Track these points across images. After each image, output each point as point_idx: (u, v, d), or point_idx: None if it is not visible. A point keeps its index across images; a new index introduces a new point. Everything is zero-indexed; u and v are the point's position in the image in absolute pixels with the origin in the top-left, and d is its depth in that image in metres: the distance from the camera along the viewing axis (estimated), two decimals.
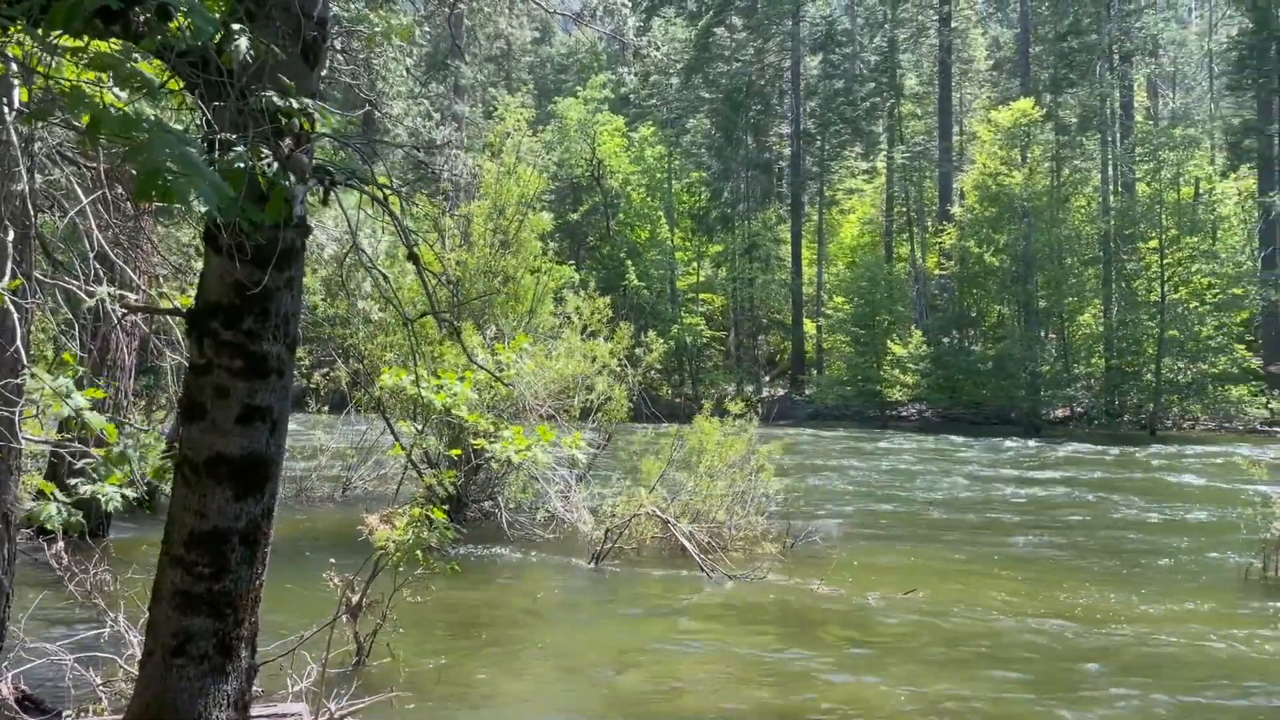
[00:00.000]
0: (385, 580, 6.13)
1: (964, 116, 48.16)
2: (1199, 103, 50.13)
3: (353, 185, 3.47)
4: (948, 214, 38.05)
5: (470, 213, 12.62)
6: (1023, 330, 33.67)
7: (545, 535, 11.10)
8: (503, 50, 46.59)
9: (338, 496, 13.59)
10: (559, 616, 8.40)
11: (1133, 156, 35.68)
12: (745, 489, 10.90)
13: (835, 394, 36.47)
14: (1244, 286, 32.15)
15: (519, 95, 41.26)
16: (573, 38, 54.12)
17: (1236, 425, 30.75)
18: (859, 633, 7.73)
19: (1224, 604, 8.64)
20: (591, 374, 12.24)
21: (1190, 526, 13.01)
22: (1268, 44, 32.77)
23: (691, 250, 42.76)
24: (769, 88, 44.91)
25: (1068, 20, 36.61)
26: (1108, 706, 6.05)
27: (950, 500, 15.09)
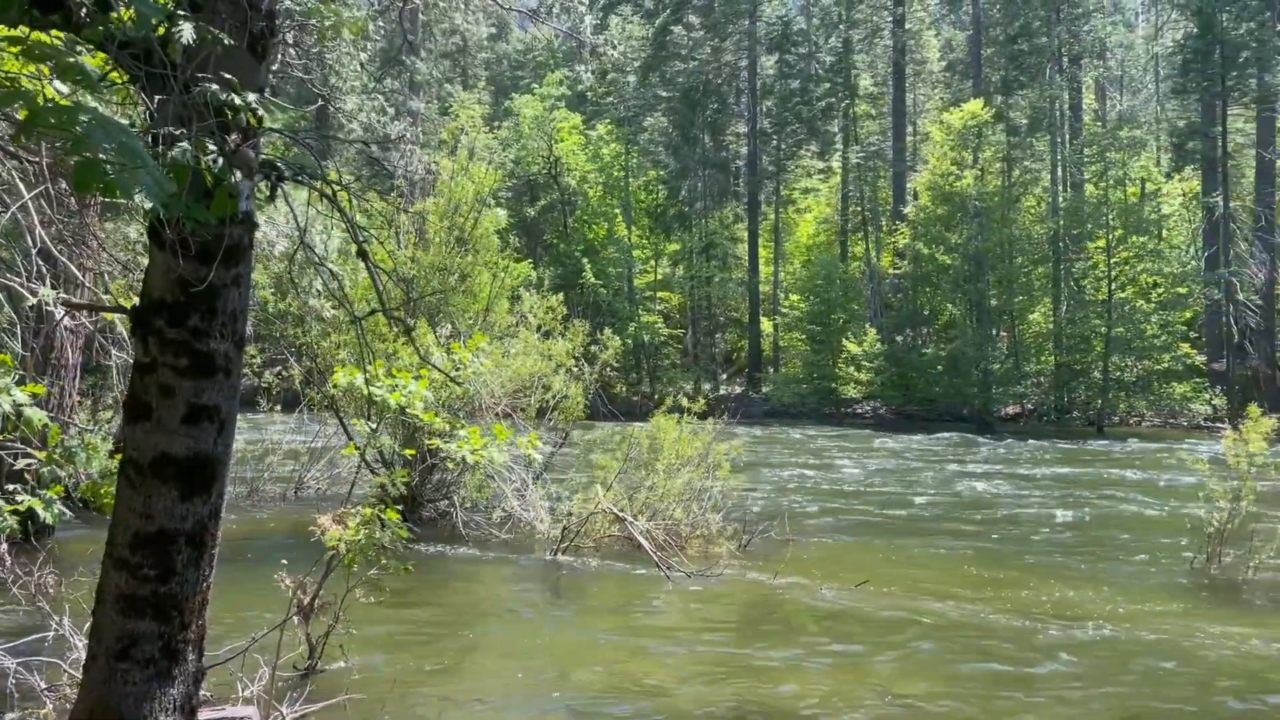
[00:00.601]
0: (338, 581, 6.06)
1: (918, 117, 48.74)
2: (1145, 105, 51.16)
3: (301, 181, 3.42)
4: (901, 214, 38.48)
5: (425, 210, 12.50)
6: (974, 329, 34.15)
7: (501, 535, 11.05)
8: (458, 46, 46.31)
9: (290, 497, 13.41)
10: (515, 616, 8.37)
11: (1081, 157, 36.32)
12: (702, 486, 10.93)
13: (791, 392, 36.77)
14: (1188, 286, 32.90)
15: (475, 92, 41.04)
16: (529, 35, 53.89)
17: (1181, 422, 31.48)
18: (813, 627, 7.79)
19: (1168, 598, 8.83)
20: (548, 373, 12.20)
21: (1136, 521, 13.29)
22: (1211, 48, 33.52)
23: (649, 249, 42.81)
24: (726, 87, 45.07)
25: (1018, 23, 37.16)
26: (1057, 698, 6.15)
27: (903, 496, 15.26)
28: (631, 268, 40.10)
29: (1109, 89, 52.47)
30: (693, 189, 43.21)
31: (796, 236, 46.76)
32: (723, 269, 42.98)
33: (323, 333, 11.48)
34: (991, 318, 34.75)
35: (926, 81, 49.71)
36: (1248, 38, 32.99)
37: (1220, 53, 33.31)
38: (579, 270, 38.07)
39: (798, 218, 48.03)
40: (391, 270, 6.36)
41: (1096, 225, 33.22)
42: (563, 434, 13.00)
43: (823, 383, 36.08)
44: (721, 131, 44.39)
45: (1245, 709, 6.03)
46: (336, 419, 11.97)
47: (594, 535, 10.41)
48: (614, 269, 39.67)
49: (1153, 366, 31.52)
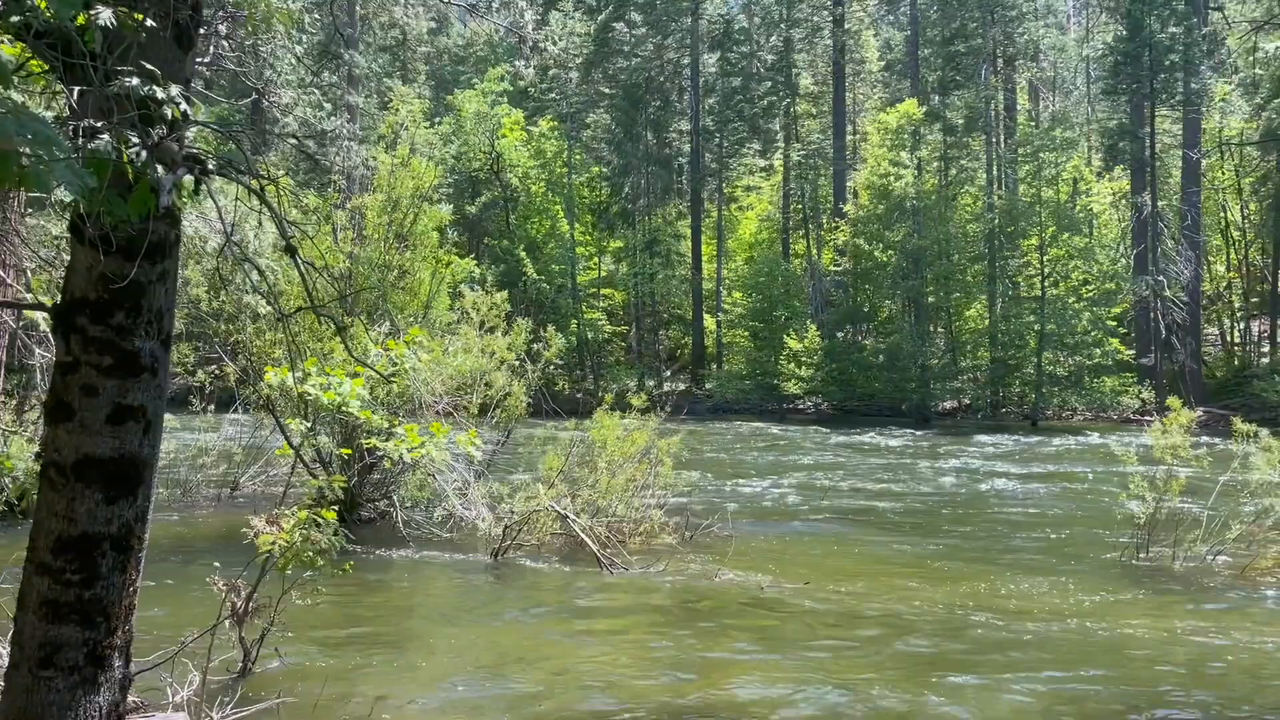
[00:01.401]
0: (274, 584, 5.95)
1: (858, 116, 49.34)
2: (1077, 106, 52.35)
3: (226, 175, 3.35)
4: (841, 212, 38.92)
5: (363, 206, 12.32)
6: (912, 325, 34.69)
7: (443, 534, 10.94)
8: (398, 40, 45.72)
9: (225, 498, 13.15)
10: (455, 616, 8.29)
11: (1015, 157, 37.07)
12: (645, 483, 10.94)
13: (735, 388, 37.03)
14: (1117, 283, 33.77)
15: (414, 86, 40.56)
16: (470, 29, 53.43)
17: (1111, 415, 32.32)
18: (755, 622, 7.84)
19: (1099, 588, 9.05)
20: (490, 370, 12.12)
21: (1068, 513, 13.61)
22: (1140, 51, 34.40)
23: (592, 245, 42.74)
24: (668, 84, 45.16)
25: (954, 24, 37.79)
26: (992, 688, 6.27)
27: (841, 491, 15.45)
28: (575, 265, 39.99)
29: (1042, 90, 53.61)
30: (636, 186, 43.22)
31: (739, 234, 47.04)
32: (666, 266, 43.08)
33: (257, 330, 11.26)
34: (929, 314, 35.32)
35: (866, 81, 50.36)
36: (1174, 42, 33.92)
37: (1149, 56, 34.21)
38: (521, 267, 37.88)
39: (740, 215, 48.32)
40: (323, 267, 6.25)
41: (1030, 224, 33.93)
42: (505, 432, 12.92)
43: (765, 379, 36.38)
44: (664, 129, 44.47)
45: (1169, 693, 6.20)
46: (272, 418, 11.75)
47: (536, 533, 10.36)
48: (557, 266, 39.53)
49: (1084, 362, 32.31)
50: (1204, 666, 6.74)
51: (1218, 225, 39.56)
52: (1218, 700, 6.06)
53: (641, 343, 44.00)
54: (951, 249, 34.41)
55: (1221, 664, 6.81)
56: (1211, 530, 9.90)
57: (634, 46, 42.36)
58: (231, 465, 13.80)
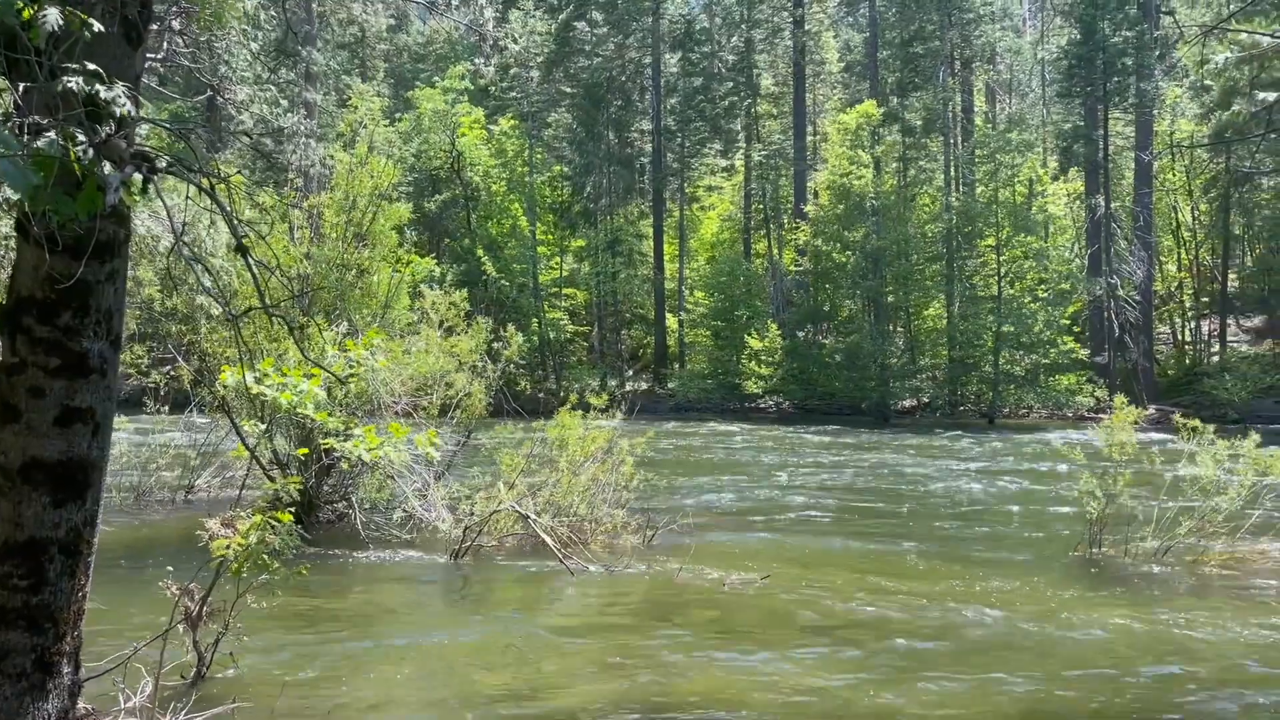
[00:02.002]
0: (230, 587, 5.88)
1: (818, 117, 49.68)
2: (1033, 108, 53.12)
3: (175, 173, 3.30)
4: (802, 212, 39.18)
5: (321, 204, 12.20)
6: (872, 325, 35.00)
7: (402, 535, 10.86)
8: (356, 37, 45.31)
9: (179, 501, 12.96)
10: (414, 618, 8.24)
11: (972, 158, 37.52)
12: (607, 483, 10.93)
13: (697, 388, 37.15)
14: (1072, 283, 34.32)
15: (373, 84, 40.21)
16: (430, 27, 53.08)
17: (1066, 413, 32.83)
18: (716, 620, 7.87)
19: (1051, 584, 9.19)
20: (450, 370, 12.05)
21: (1023, 510, 13.80)
22: (1093, 55, 34.97)
23: (554, 245, 42.65)
24: (630, 84, 45.18)
25: (913, 27, 38.17)
26: (948, 684, 6.34)
27: (801, 489, 15.54)
28: (536, 264, 39.88)
29: (998, 92, 54.34)
30: (598, 185, 43.20)
31: (701, 233, 47.19)
32: (628, 265, 43.10)
33: (211, 331, 11.11)
34: (888, 314, 35.65)
35: (826, 82, 50.72)
36: (1127, 45, 34.53)
37: (1101, 59, 34.79)
38: (481, 267, 37.72)
39: (702, 215, 48.48)
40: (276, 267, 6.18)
41: (987, 224, 34.38)
42: (466, 432, 12.86)
43: (727, 378, 36.55)
44: (626, 128, 44.49)
45: (1122, 684, 6.31)
46: (228, 419, 11.59)
47: (497, 534, 10.32)
48: (518, 265, 39.40)
49: (1040, 361, 32.80)
50: (1156, 657, 6.87)
51: (1169, 226, 40.33)
52: (1172, 690, 6.18)
53: (604, 342, 43.99)
54: (910, 249, 34.77)
55: (1173, 655, 6.94)
56: (1162, 526, 10.09)
57: (595, 46, 42.32)
58: (187, 468, 13.60)
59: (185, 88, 32.70)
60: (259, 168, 32.32)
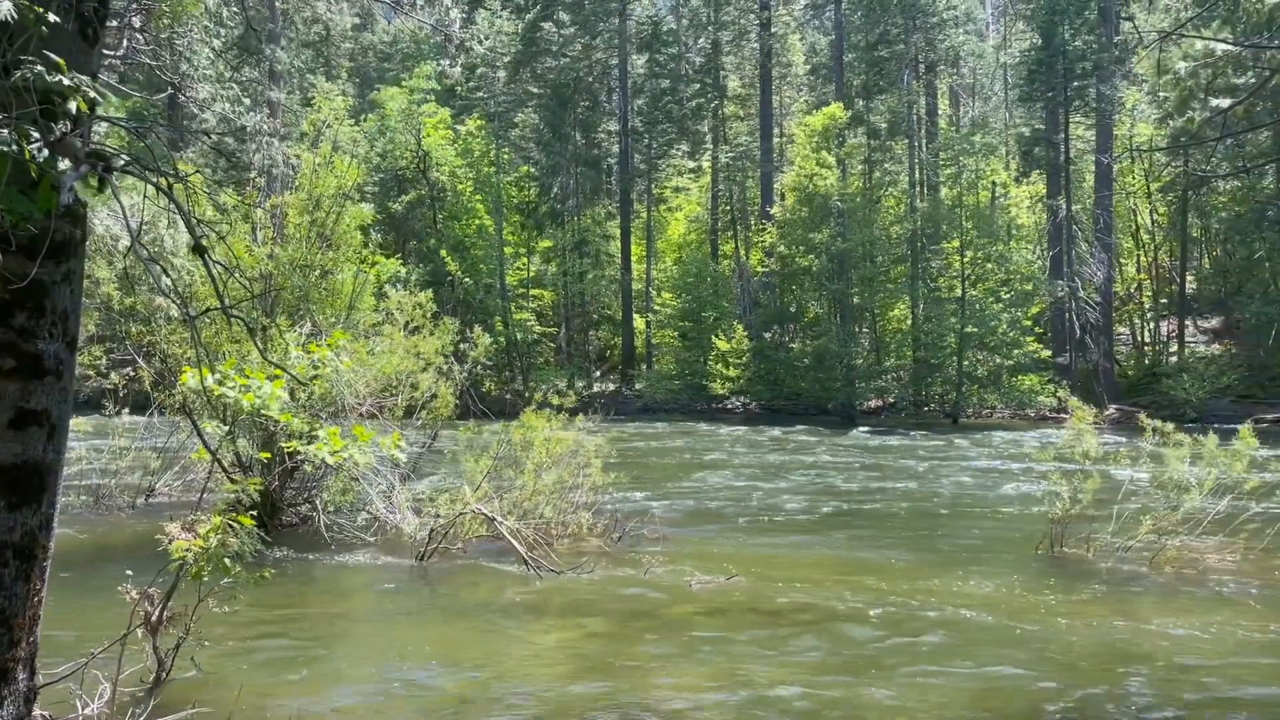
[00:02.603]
0: (190, 592, 5.80)
1: (784, 119, 49.93)
2: (995, 112, 53.74)
3: (131, 172, 3.25)
4: (769, 214, 39.37)
5: (284, 204, 12.07)
6: (838, 326, 35.24)
7: (367, 538, 10.78)
8: (321, 36, 44.91)
9: (140, 505, 12.77)
10: (379, 622, 8.18)
11: (936, 161, 37.88)
12: (573, 484, 10.91)
13: (664, 388, 37.21)
14: (1034, 284, 34.77)
15: (338, 83, 39.89)
16: (395, 26, 52.73)
17: (1029, 413, 33.25)
18: (684, 620, 7.88)
19: (1014, 583, 9.29)
20: (416, 371, 11.97)
21: (987, 508, 13.95)
22: (1054, 59, 35.45)
23: (521, 245, 42.54)
24: (597, 84, 45.17)
25: (878, 30, 38.48)
26: (912, 682, 6.40)
27: (768, 489, 15.61)
28: (503, 264, 39.75)
29: (962, 96, 54.91)
30: (564, 186, 43.14)
31: (668, 235, 47.27)
32: (595, 266, 43.08)
33: (171, 332, 10.96)
34: (854, 315, 35.90)
35: (792, 84, 51.01)
36: (1087, 50, 35.03)
37: (1062, 64, 35.27)
38: (446, 267, 37.55)
39: (669, 216, 48.56)
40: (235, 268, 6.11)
41: (951, 226, 34.73)
42: (432, 434, 12.78)
43: (694, 379, 36.64)
44: (593, 129, 44.48)
45: (1086, 678, 6.40)
46: (189, 422, 11.45)
47: (462, 537, 10.27)
48: (485, 266, 39.24)
49: (1003, 361, 33.19)
50: (1117, 652, 6.97)
51: (1129, 228, 40.96)
52: (1131, 685, 6.27)
53: (571, 343, 43.93)
54: (876, 251, 35.05)
55: (1134, 649, 7.05)
56: (1123, 524, 10.24)
57: (562, 46, 42.26)
58: (147, 471, 13.41)
59: (146, 85, 32.26)
60: (221, 167, 31.93)
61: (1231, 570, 9.63)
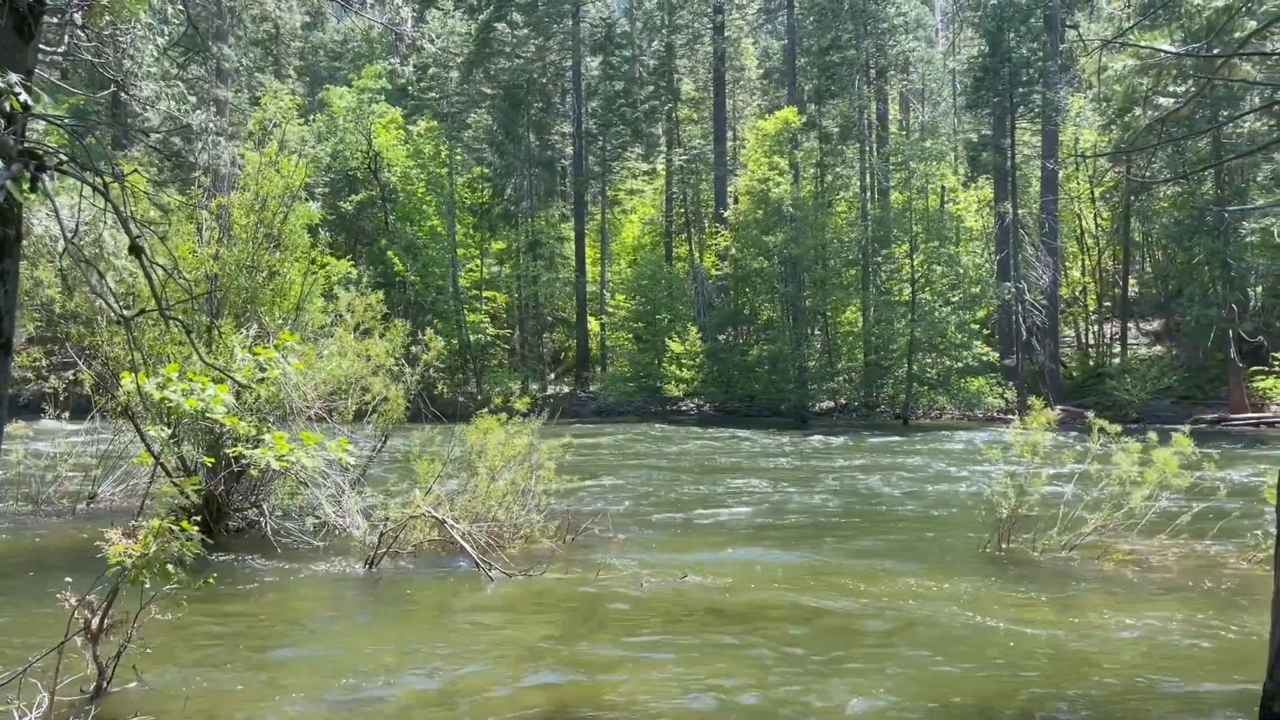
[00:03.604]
0: (134, 599, 5.68)
1: (737, 122, 50.22)
2: (944, 117, 54.50)
3: (66, 171, 3.18)
4: (723, 217, 39.56)
5: (228, 204, 11.88)
6: (791, 328, 35.52)
7: (315, 543, 10.64)
8: (270, 34, 44.30)
9: (81, 510, 12.49)
10: (328, 627, 8.08)
11: (887, 166, 38.34)
12: (526, 487, 10.87)
13: (618, 390, 37.24)
14: (982, 287, 35.34)
15: (288, 81, 39.37)
16: (346, 24, 52.16)
17: (977, 414, 33.78)
18: (635, 620, 7.89)
19: (963, 578, 9.43)
20: (366, 374, 11.84)
21: (936, 508, 14.15)
22: (1000, 66, 36.05)
23: (474, 247, 42.29)
24: (550, 86, 45.07)
25: (830, 36, 38.86)
26: (858, 679, 6.46)
27: (721, 490, 15.69)
28: (456, 266, 39.49)
29: (912, 101, 55.62)
30: (518, 187, 42.99)
31: (623, 237, 47.32)
32: (550, 268, 42.98)
33: (114, 334, 10.73)
34: (806, 318, 36.22)
35: (745, 88, 51.33)
36: (1032, 57, 35.67)
37: (1008, 71, 35.89)
38: (395, 269, 37.23)
39: (624, 218, 48.60)
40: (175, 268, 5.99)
41: (901, 230, 35.18)
42: (383, 437, 12.65)
43: (648, 381, 36.71)
44: (547, 130, 44.38)
45: (1029, 675, 6.52)
46: (132, 425, 11.22)
47: (413, 541, 10.18)
48: (438, 268, 38.96)
49: (952, 363, 33.69)
50: (1060, 649, 7.10)
51: (1074, 233, 41.78)
52: (1072, 680, 6.39)
53: (525, 345, 43.77)
54: (828, 254, 35.39)
55: (1076, 645, 7.18)
56: (1068, 523, 10.43)
57: (515, 47, 42.12)
58: (89, 476, 13.12)
59: (89, 82, 31.58)
60: (167, 166, 31.36)
61: (1171, 566, 9.86)
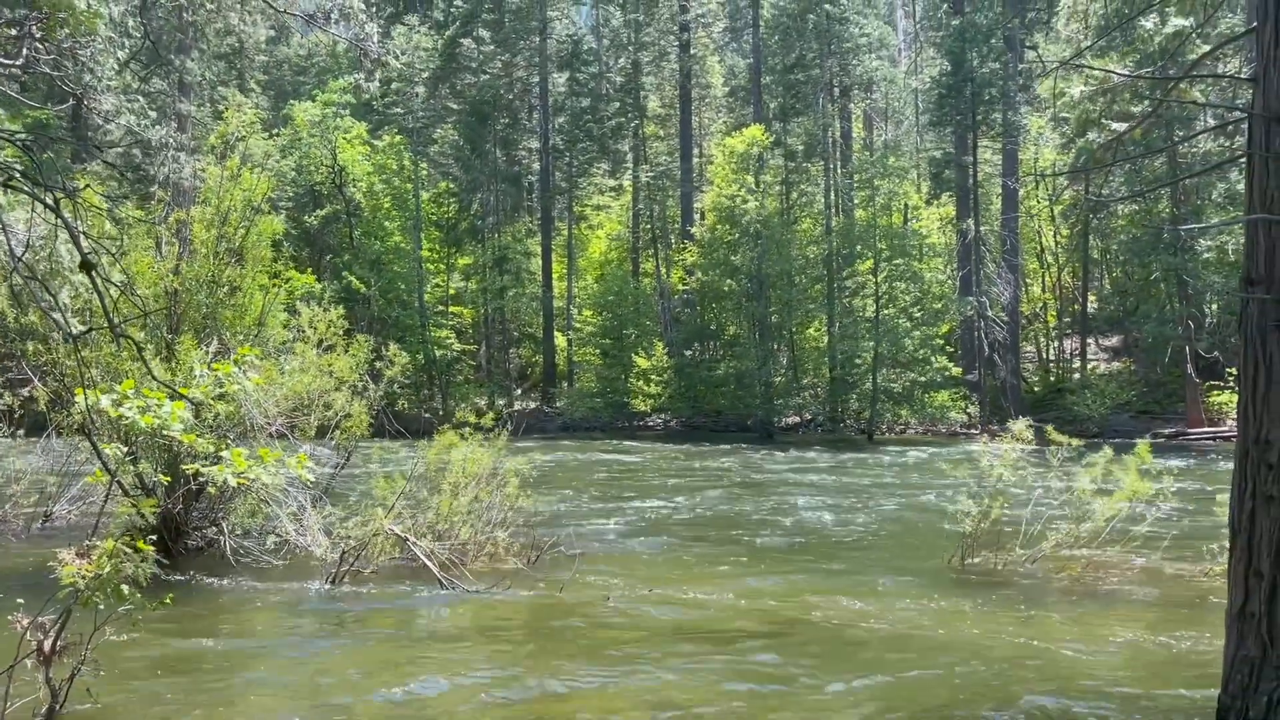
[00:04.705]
0: (88, 620, 5.57)
1: (703, 139, 50.53)
2: (907, 135, 55.19)
3: (16, 188, 3.13)
4: (689, 233, 39.73)
5: (188, 219, 11.74)
6: (756, 344, 35.68)
7: (276, 562, 10.50)
8: (234, 48, 43.99)
9: (35, 529, 12.25)
10: (286, 648, 7.96)
11: (851, 183, 38.71)
12: (490, 503, 10.80)
13: (585, 406, 37.17)
14: (944, 303, 35.72)
15: (252, 96, 39.07)
16: (311, 39, 51.90)
17: (941, 429, 34.09)
18: (600, 637, 7.86)
19: (926, 593, 9.49)
20: (329, 390, 11.73)
21: (900, 522, 14.24)
22: (962, 85, 36.58)
23: (440, 262, 42.12)
24: (517, 102, 45.10)
25: (794, 55, 39.25)
26: (828, 694, 6.48)
27: (687, 506, 15.69)
28: (422, 281, 39.30)
29: (875, 119, 56.27)
30: (484, 203, 42.91)
31: (589, 252, 47.35)
32: (516, 284, 42.90)
33: (70, 352, 10.55)
34: (772, 334, 36.40)
35: (711, 106, 51.68)
36: (993, 77, 36.23)
37: (969, 90, 36.41)
38: (366, 282, 36.99)
39: (590, 234, 48.65)
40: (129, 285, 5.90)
41: (866, 247, 35.49)
42: (346, 454, 12.53)
43: (615, 397, 36.68)
44: (513, 146, 44.37)
45: (992, 686, 6.56)
46: (89, 443, 11.03)
47: (375, 559, 10.08)
48: (403, 284, 38.73)
49: (916, 378, 33.98)
50: (1020, 660, 7.16)
51: (1034, 249, 42.37)
52: (1033, 691, 6.44)
53: (491, 361, 43.60)
54: (793, 271, 35.61)
55: (1035, 658, 7.25)
56: (1029, 538, 10.54)
57: (482, 63, 42.12)
58: (44, 495, 12.88)
59: (49, 95, 31.16)
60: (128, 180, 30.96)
61: (1131, 579, 9.99)
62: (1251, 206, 5.04)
